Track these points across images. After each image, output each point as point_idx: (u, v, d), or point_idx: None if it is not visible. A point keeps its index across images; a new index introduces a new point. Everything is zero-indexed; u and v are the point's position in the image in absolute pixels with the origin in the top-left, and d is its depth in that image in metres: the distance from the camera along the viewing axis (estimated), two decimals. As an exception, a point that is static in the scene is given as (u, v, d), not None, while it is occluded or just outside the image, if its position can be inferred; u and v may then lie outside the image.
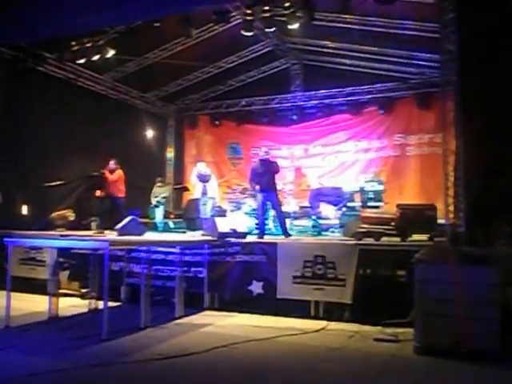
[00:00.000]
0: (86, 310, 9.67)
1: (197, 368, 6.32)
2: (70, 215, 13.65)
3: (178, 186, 19.13)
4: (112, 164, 13.99)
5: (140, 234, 10.81)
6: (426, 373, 6.31)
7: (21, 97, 13.50)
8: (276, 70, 18.82)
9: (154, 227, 15.46)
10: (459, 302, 6.76)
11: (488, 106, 9.26)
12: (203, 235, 11.63)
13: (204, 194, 14.10)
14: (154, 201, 16.22)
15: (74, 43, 13.35)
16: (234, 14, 13.67)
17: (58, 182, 13.63)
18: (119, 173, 14.14)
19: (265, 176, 11.60)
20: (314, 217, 13.73)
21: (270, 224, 13.16)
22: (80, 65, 14.74)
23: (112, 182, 13.92)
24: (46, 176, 13.72)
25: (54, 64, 14.69)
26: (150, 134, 19.35)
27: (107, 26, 12.88)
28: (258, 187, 11.72)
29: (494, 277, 6.79)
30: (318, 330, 8.37)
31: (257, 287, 9.70)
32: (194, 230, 13.60)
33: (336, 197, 13.81)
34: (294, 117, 18.95)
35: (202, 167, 14.41)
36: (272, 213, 12.83)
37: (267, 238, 11.10)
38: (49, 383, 5.62)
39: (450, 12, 10.18)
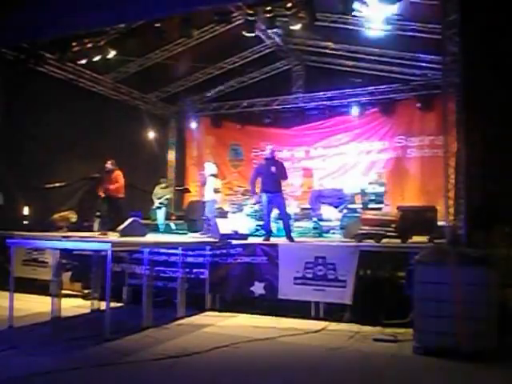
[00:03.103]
0: (88, 310, 9.75)
1: (198, 368, 6.37)
2: (72, 217, 13.64)
3: (180, 188, 19.16)
4: (109, 164, 13.52)
5: (142, 236, 10.85)
6: (425, 373, 6.36)
7: (22, 98, 13.49)
8: (278, 71, 18.83)
9: (155, 228, 15.46)
10: (458, 303, 6.81)
11: (490, 109, 9.30)
12: (207, 237, 11.69)
13: (203, 195, 13.91)
14: (156, 201, 16.22)
15: (74, 44, 13.28)
16: (235, 14, 13.69)
17: (60, 184, 13.67)
18: (117, 174, 13.58)
19: (270, 176, 11.16)
20: (314, 218, 13.76)
21: (272, 225, 12.94)
22: (81, 65, 14.78)
23: (109, 183, 13.67)
24: (48, 177, 13.78)
25: (55, 65, 14.72)
26: (151, 135, 19.37)
27: (108, 27, 12.83)
28: (256, 191, 11.52)
29: (493, 278, 6.88)
30: (318, 331, 8.44)
31: (258, 288, 9.77)
32: (196, 231, 13.62)
33: (337, 198, 13.84)
34: (296, 118, 18.94)
35: (207, 167, 14.10)
36: (274, 214, 12.41)
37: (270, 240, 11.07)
38: (51, 383, 5.66)
39: (453, 14, 10.18)
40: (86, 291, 10.75)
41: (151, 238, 11.56)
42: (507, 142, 9.14)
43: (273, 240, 10.90)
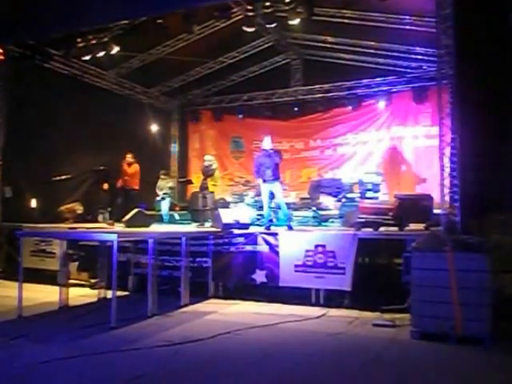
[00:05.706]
0: (95, 299, 9.93)
1: (202, 354, 6.51)
2: (79, 208, 13.85)
3: (183, 180, 19.29)
4: (129, 158, 14.37)
5: (147, 226, 11.02)
6: (422, 356, 6.51)
7: (28, 93, 13.58)
8: (277, 64, 18.92)
9: (160, 219, 15.61)
10: (453, 289, 6.98)
11: (483, 100, 9.42)
12: (211, 226, 11.88)
13: (204, 188, 13.93)
14: (159, 194, 16.38)
15: (79, 40, 13.44)
16: (235, 10, 13.80)
17: (66, 176, 13.85)
18: (136, 166, 14.56)
19: (268, 166, 11.24)
20: (314, 208, 13.87)
21: (271, 214, 12.94)
22: (85, 61, 14.93)
23: (129, 175, 14.33)
24: (54, 170, 13.95)
25: (61, 61, 14.88)
26: (154, 128, 19.50)
27: (112, 23, 13.01)
28: (260, 179, 11.72)
29: (487, 264, 6.99)
30: (318, 317, 8.62)
31: (260, 276, 9.95)
32: (199, 221, 13.79)
33: (335, 188, 13.92)
34: (295, 111, 19.08)
35: (207, 159, 14.24)
36: (274, 204, 12.55)
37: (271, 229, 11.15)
38: (60, 370, 5.80)
39: (447, 7, 10.34)
40: (93, 281, 10.91)
41: (156, 228, 11.73)
42: (501, 131, 9.27)
43: (273, 229, 11.00)
